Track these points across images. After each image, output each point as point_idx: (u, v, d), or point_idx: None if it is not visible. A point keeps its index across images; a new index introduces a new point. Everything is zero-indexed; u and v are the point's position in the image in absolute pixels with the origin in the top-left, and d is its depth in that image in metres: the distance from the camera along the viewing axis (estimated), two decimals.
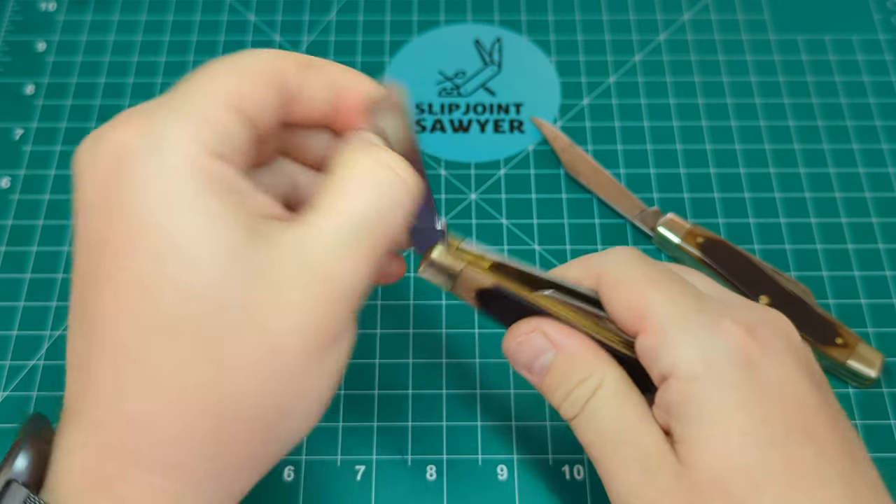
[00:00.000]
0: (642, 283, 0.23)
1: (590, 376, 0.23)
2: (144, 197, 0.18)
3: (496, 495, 0.31)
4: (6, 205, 0.38)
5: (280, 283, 0.18)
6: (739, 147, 0.40)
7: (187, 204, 0.18)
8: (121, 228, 0.18)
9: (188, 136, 0.19)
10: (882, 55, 0.42)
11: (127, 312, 0.18)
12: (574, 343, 0.24)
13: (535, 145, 0.40)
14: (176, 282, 0.18)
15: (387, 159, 0.21)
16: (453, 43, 0.43)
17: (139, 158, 0.19)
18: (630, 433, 0.22)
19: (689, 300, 0.23)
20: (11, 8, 0.44)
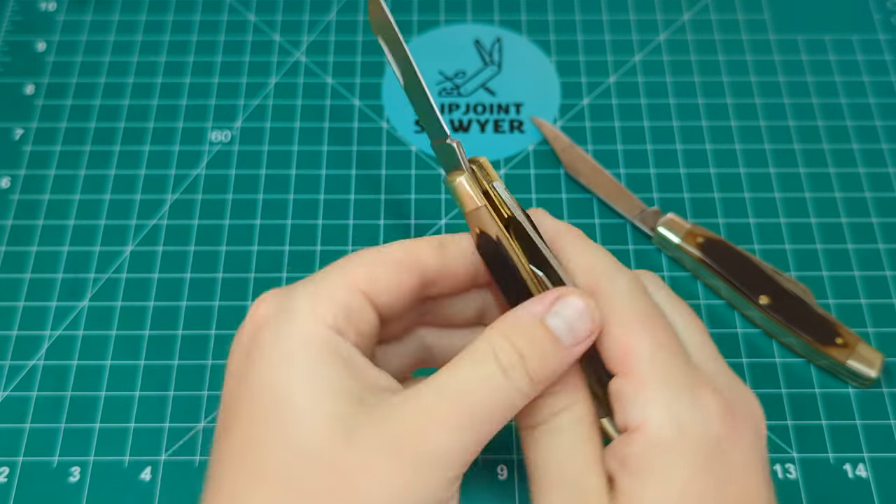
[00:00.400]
0: (637, 324, 0.22)
1: (560, 394, 0.22)
2: (263, 360, 0.21)
3: (496, 495, 0.31)
4: (6, 205, 0.38)
5: (372, 448, 0.20)
6: (739, 147, 0.39)
7: (298, 369, 0.20)
8: (243, 386, 0.21)
9: (312, 311, 0.21)
10: (882, 55, 0.42)
11: (236, 461, 0.21)
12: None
13: (535, 145, 0.40)
14: (278, 439, 0.20)
15: (506, 361, 0.21)
16: (453, 43, 0.43)
17: (268, 328, 0.21)
18: (578, 469, 0.22)
19: (676, 357, 0.21)
20: (11, 8, 0.44)
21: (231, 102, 0.41)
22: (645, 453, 0.20)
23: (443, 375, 0.21)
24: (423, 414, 0.20)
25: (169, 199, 0.38)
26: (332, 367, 0.20)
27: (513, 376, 0.21)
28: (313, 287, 0.22)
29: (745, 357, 0.34)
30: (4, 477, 0.31)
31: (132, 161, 0.39)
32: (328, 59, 0.42)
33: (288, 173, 0.39)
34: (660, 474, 0.20)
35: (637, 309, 0.22)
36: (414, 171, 0.39)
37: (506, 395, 0.21)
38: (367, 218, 0.37)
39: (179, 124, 0.40)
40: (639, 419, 0.21)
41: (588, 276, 0.23)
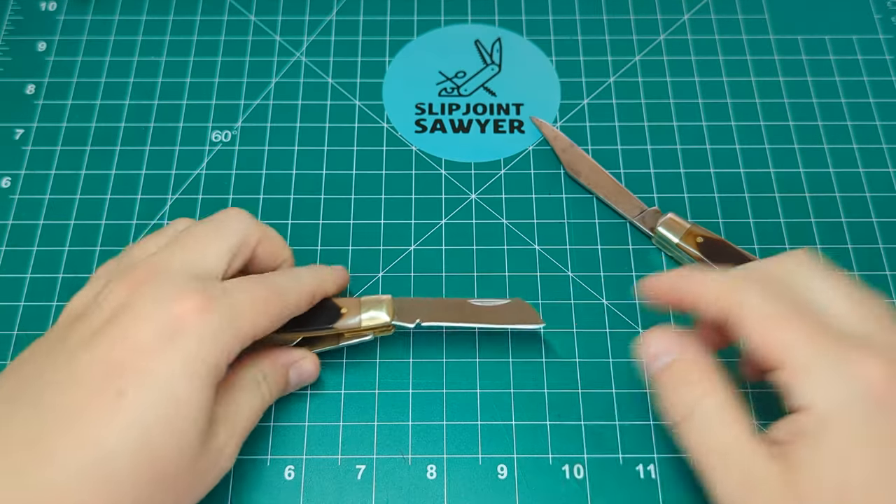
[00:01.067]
0: (780, 322, 0.24)
1: (699, 382, 0.26)
2: (183, 365, 0.25)
3: (496, 495, 0.31)
4: (6, 205, 0.38)
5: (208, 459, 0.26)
6: (739, 147, 0.40)
7: (202, 388, 0.25)
8: (156, 373, 0.25)
9: (225, 351, 0.26)
10: (882, 55, 0.43)
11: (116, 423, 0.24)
12: (696, 353, 0.27)
13: (535, 145, 0.40)
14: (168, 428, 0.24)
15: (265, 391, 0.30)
16: (453, 43, 0.43)
17: (193, 340, 0.25)
18: (734, 445, 0.24)
19: (824, 338, 0.24)
20: (11, 7, 0.44)
21: (232, 102, 0.41)
22: (812, 428, 0.23)
23: (240, 400, 0.28)
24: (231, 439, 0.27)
25: (170, 199, 0.38)
26: (212, 395, 0.26)
27: (265, 402, 0.30)
28: (236, 327, 0.27)
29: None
30: None
31: (133, 161, 0.39)
32: (329, 60, 0.42)
33: (289, 173, 0.39)
34: (829, 443, 0.23)
35: (768, 312, 0.25)
36: (414, 171, 0.39)
37: (262, 408, 0.30)
38: (367, 218, 0.37)
39: (180, 124, 0.40)
40: (803, 403, 0.23)
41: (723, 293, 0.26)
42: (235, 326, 0.27)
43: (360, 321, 0.32)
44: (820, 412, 0.23)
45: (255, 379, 0.29)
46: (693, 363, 0.27)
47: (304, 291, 0.30)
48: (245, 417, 0.28)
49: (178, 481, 0.25)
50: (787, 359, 0.24)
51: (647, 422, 0.33)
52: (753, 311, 0.25)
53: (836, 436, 0.23)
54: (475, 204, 0.38)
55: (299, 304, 0.30)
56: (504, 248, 0.37)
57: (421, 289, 0.35)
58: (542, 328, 0.33)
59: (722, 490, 0.25)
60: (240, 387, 0.29)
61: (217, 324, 0.26)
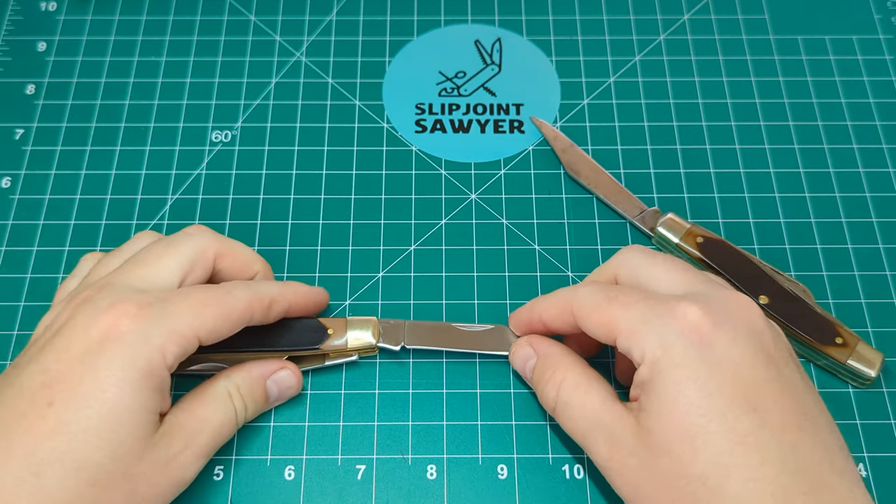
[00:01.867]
0: (605, 305, 0.28)
1: (555, 372, 0.29)
2: (104, 374, 0.25)
3: (496, 495, 0.31)
4: (6, 205, 0.38)
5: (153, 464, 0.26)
6: (739, 147, 0.40)
7: (133, 392, 0.26)
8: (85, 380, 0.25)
9: (161, 350, 0.26)
10: (882, 55, 0.43)
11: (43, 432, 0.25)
12: (546, 349, 0.31)
13: (535, 145, 0.40)
14: (95, 441, 0.25)
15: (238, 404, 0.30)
16: (453, 43, 0.43)
17: (121, 347, 0.26)
18: (595, 414, 0.28)
19: (646, 302, 0.27)
20: (11, 7, 0.44)
21: (232, 102, 0.41)
22: (647, 374, 0.26)
23: (204, 411, 0.29)
24: (189, 446, 0.28)
25: (170, 199, 0.38)
26: (153, 399, 0.26)
27: (239, 415, 0.30)
28: (171, 326, 0.27)
29: None
30: None
31: (133, 161, 0.39)
32: (329, 60, 0.42)
33: (289, 173, 0.39)
34: (660, 385, 0.25)
35: (598, 299, 0.28)
36: (414, 171, 0.39)
37: (234, 425, 0.30)
38: (367, 218, 0.37)
39: (180, 124, 0.40)
40: (639, 356, 0.26)
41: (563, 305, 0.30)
42: (169, 327, 0.27)
43: (346, 342, 0.33)
44: (650, 359, 0.26)
45: (224, 391, 0.30)
46: (546, 358, 0.30)
47: (258, 299, 0.29)
48: (209, 430, 0.28)
49: (116, 487, 0.25)
50: (618, 328, 0.27)
51: None
52: (584, 307, 0.28)
53: (666, 375, 0.25)
54: (475, 204, 0.38)
55: (251, 310, 0.29)
56: (504, 248, 0.37)
57: (421, 289, 0.35)
58: None
59: (596, 456, 0.28)
60: (206, 398, 0.29)
61: (147, 326, 0.26)
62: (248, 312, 0.29)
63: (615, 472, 0.27)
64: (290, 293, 0.31)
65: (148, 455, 0.26)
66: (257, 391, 0.31)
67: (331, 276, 0.36)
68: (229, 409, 0.29)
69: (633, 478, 0.26)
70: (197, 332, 0.27)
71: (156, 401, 0.26)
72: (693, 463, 0.25)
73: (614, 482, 0.27)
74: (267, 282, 0.32)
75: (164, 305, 0.27)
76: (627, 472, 0.27)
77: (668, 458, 0.25)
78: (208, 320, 0.28)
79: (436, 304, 0.35)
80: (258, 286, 0.30)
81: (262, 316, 0.30)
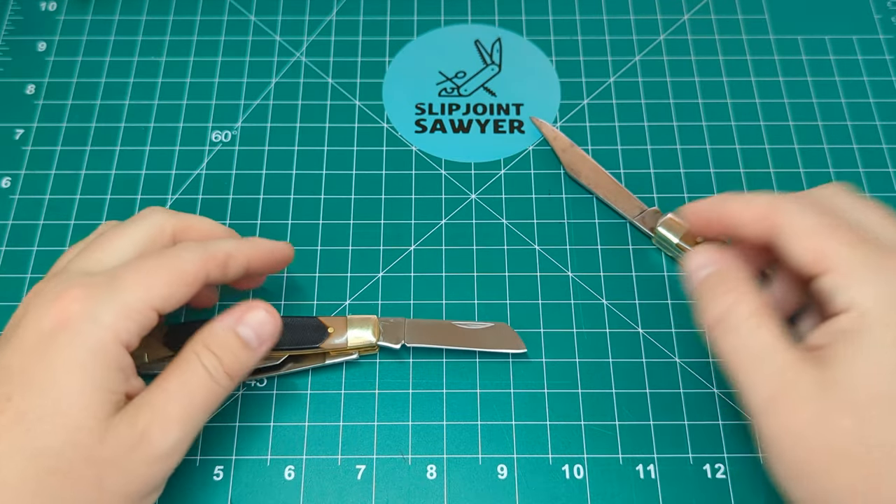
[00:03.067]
0: (824, 230, 0.25)
1: (732, 289, 0.26)
2: (57, 360, 0.25)
3: (496, 495, 0.31)
4: (6, 205, 0.38)
5: (120, 447, 0.25)
6: (739, 147, 0.40)
7: (86, 378, 0.25)
8: (28, 372, 0.25)
9: (114, 327, 0.26)
10: (882, 55, 0.43)
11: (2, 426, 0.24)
12: (730, 262, 0.28)
13: (535, 145, 0.40)
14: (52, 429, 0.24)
15: (209, 365, 0.27)
16: (453, 43, 0.43)
17: (71, 331, 0.25)
18: (766, 348, 0.25)
19: (867, 245, 0.25)
20: (11, 7, 0.44)
21: (232, 102, 0.41)
22: (850, 325, 0.24)
23: (168, 381, 0.26)
24: (156, 419, 0.26)
25: (170, 200, 0.38)
26: (111, 378, 0.25)
27: (216, 376, 0.27)
28: (119, 303, 0.26)
29: None
30: None
31: (133, 161, 0.39)
32: (329, 60, 0.42)
33: (289, 173, 0.39)
34: (865, 338, 0.23)
35: (814, 222, 0.25)
36: (414, 171, 0.39)
37: (213, 391, 0.27)
38: (367, 218, 0.37)
39: (180, 124, 0.40)
40: (845, 303, 0.24)
41: (764, 211, 0.27)
42: (120, 301, 0.26)
43: (346, 340, 0.33)
44: (862, 310, 0.24)
45: (190, 354, 0.27)
46: (729, 272, 0.27)
47: (211, 256, 0.28)
48: (179, 397, 0.26)
49: (79, 473, 0.24)
50: (831, 264, 0.25)
51: (647, 422, 0.33)
52: (796, 224, 0.26)
53: (877, 334, 0.23)
54: (475, 204, 0.38)
55: (205, 268, 0.28)
56: (504, 248, 0.37)
57: (421, 289, 0.35)
58: (523, 353, 0.34)
59: (753, 395, 0.25)
60: (172, 367, 0.27)
61: (95, 307, 0.26)
62: (202, 272, 0.28)
63: (772, 417, 0.24)
64: (246, 248, 0.30)
65: (110, 436, 0.25)
66: (230, 342, 0.28)
67: (331, 276, 0.36)
68: (199, 370, 0.27)
69: (797, 428, 0.24)
70: (150, 302, 0.26)
71: (114, 380, 0.26)
72: (882, 430, 0.23)
73: (767, 426, 0.24)
74: (221, 239, 0.30)
75: (112, 282, 0.26)
76: (790, 421, 0.24)
77: (853, 420, 0.23)
78: (160, 287, 0.27)
79: (436, 304, 0.35)
80: (210, 244, 0.29)
81: (219, 273, 0.29)
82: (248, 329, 0.28)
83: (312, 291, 0.36)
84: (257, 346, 0.29)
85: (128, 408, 0.26)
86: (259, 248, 0.31)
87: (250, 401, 0.33)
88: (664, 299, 0.35)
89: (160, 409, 0.26)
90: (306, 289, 0.36)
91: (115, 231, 0.29)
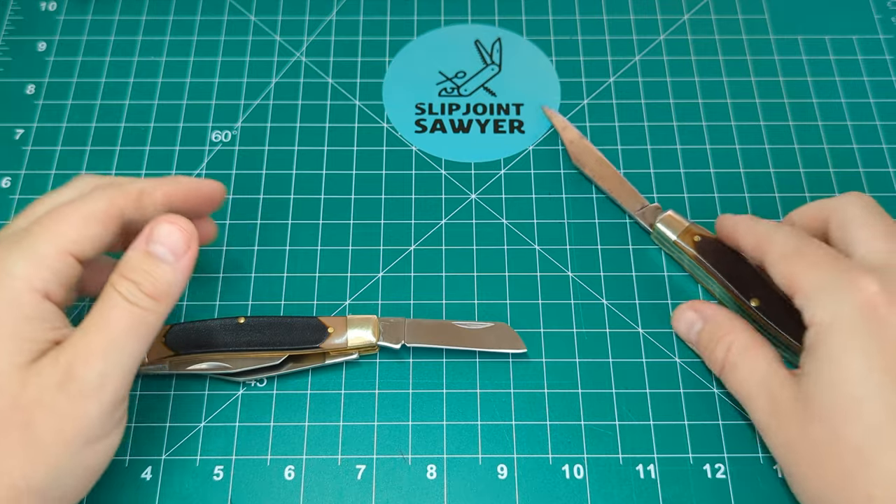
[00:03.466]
0: (795, 258, 0.29)
1: (725, 337, 0.31)
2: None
3: (496, 495, 0.31)
4: (6, 205, 0.38)
5: (45, 388, 0.25)
6: (739, 147, 0.40)
7: (3, 331, 0.25)
8: None
9: (27, 278, 0.25)
10: (882, 55, 0.43)
11: None
12: (713, 314, 0.32)
13: (535, 145, 0.40)
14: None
15: (125, 291, 0.26)
16: (453, 43, 0.43)
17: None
18: (761, 376, 0.29)
19: (831, 265, 0.28)
20: (11, 7, 0.44)
21: (232, 102, 0.41)
22: (815, 338, 0.27)
23: (87, 318, 0.26)
24: (78, 353, 0.25)
25: None
26: (28, 328, 0.25)
27: (134, 300, 0.26)
28: (29, 252, 0.26)
29: None
30: None
31: (133, 161, 0.39)
32: (329, 60, 0.42)
33: (289, 173, 0.39)
34: (827, 351, 0.26)
35: (789, 249, 0.29)
36: (414, 171, 0.39)
37: (136, 315, 0.26)
38: (367, 218, 0.37)
39: (180, 124, 0.40)
40: (810, 318, 0.27)
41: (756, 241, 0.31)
42: (29, 252, 0.26)
43: (346, 340, 0.33)
44: (819, 323, 0.27)
45: (107, 289, 0.27)
46: (714, 323, 0.32)
47: (122, 193, 0.28)
48: (99, 329, 0.26)
49: (7, 418, 0.24)
50: (798, 285, 0.28)
51: (646, 422, 0.33)
52: (775, 252, 0.30)
53: (833, 342, 0.26)
54: (475, 204, 0.38)
55: (117, 205, 0.28)
56: (504, 248, 0.37)
57: (421, 289, 0.35)
58: (523, 353, 0.34)
59: (757, 415, 0.29)
60: (94, 306, 0.26)
61: (6, 259, 0.26)
62: (114, 209, 0.27)
63: (772, 432, 0.28)
64: (164, 184, 0.29)
65: (32, 378, 0.25)
66: (143, 263, 0.27)
67: (331, 276, 0.36)
68: (114, 298, 0.26)
69: (788, 440, 0.27)
70: (63, 247, 0.26)
71: (33, 329, 0.25)
72: (848, 433, 0.25)
73: (770, 441, 0.29)
74: (136, 179, 0.30)
75: (22, 235, 0.26)
76: (783, 434, 0.28)
77: (823, 425, 0.26)
78: (71, 231, 0.26)
79: (436, 304, 0.35)
80: (122, 181, 0.29)
81: (134, 208, 0.28)
82: (159, 247, 0.27)
83: (312, 291, 0.36)
84: (175, 260, 0.27)
85: (51, 351, 0.25)
86: (179, 183, 0.30)
87: (250, 401, 0.33)
88: (664, 299, 0.35)
89: (81, 343, 0.25)
90: (306, 289, 0.36)
91: (38, 198, 0.29)
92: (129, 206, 0.28)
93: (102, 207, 0.27)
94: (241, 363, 0.32)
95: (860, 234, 0.29)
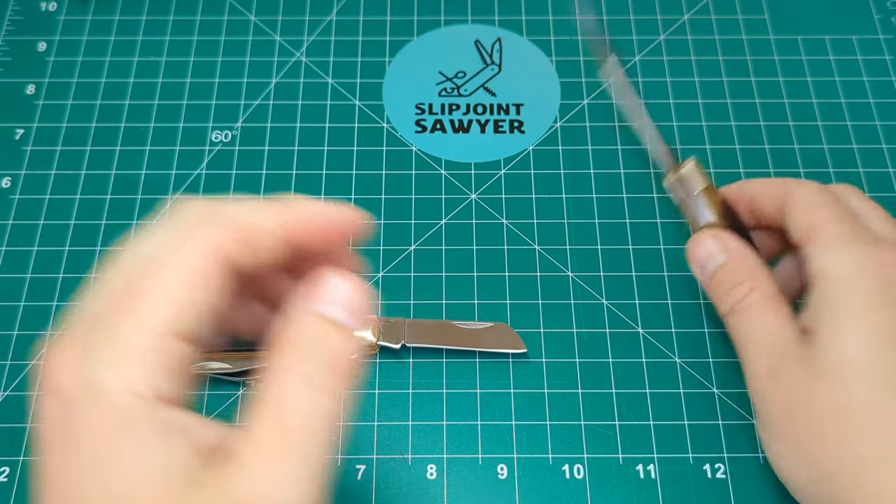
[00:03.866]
0: (819, 207, 0.28)
1: (748, 280, 0.28)
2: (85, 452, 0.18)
3: (496, 495, 0.31)
4: (6, 205, 0.38)
5: None
6: (739, 147, 0.40)
7: (128, 462, 0.18)
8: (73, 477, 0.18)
9: (120, 382, 0.18)
10: (882, 55, 0.43)
11: None
12: (741, 253, 0.29)
13: (535, 145, 0.40)
14: None
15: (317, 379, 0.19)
16: (453, 43, 0.43)
17: (79, 409, 0.18)
18: (769, 330, 0.27)
19: (853, 227, 0.27)
20: (12, 7, 0.44)
21: (232, 102, 0.41)
22: (826, 293, 0.26)
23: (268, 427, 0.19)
24: (264, 482, 0.18)
25: (170, 199, 0.38)
26: (156, 446, 0.18)
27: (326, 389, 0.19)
28: (114, 349, 0.18)
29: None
30: (5, 477, 0.31)
31: (133, 161, 0.39)
32: (329, 60, 0.42)
33: (289, 173, 0.39)
34: (840, 308, 0.25)
35: (813, 198, 0.28)
36: (414, 171, 0.39)
37: (330, 413, 0.19)
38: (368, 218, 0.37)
39: (180, 124, 0.40)
40: (821, 269, 0.26)
41: (780, 187, 0.29)
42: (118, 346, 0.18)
43: None
44: (833, 277, 0.26)
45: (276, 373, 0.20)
46: (741, 261, 0.29)
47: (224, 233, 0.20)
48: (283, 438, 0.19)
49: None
50: (815, 234, 0.27)
51: (647, 422, 0.33)
52: (798, 198, 0.28)
53: (850, 299, 0.25)
54: (475, 204, 0.38)
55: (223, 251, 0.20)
56: (504, 248, 0.37)
57: (421, 289, 0.35)
58: (523, 353, 0.34)
59: (754, 366, 0.27)
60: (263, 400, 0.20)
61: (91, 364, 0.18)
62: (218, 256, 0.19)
63: (769, 393, 0.27)
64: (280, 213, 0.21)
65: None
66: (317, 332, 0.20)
67: None
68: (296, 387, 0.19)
69: (788, 399, 0.26)
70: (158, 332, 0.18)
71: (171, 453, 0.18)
72: (853, 392, 0.24)
73: (767, 397, 0.27)
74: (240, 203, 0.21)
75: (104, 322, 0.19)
76: (782, 393, 0.26)
77: (832, 382, 0.25)
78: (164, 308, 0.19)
79: (436, 304, 0.35)
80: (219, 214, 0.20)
81: (247, 254, 0.20)
82: (332, 306, 0.21)
83: None
84: (352, 323, 0.21)
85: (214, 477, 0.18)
86: (301, 212, 0.21)
87: (251, 401, 0.33)
88: (664, 299, 0.35)
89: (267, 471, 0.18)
90: None
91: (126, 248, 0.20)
92: (239, 256, 0.20)
93: (202, 265, 0.19)
94: (241, 363, 0.32)
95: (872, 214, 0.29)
